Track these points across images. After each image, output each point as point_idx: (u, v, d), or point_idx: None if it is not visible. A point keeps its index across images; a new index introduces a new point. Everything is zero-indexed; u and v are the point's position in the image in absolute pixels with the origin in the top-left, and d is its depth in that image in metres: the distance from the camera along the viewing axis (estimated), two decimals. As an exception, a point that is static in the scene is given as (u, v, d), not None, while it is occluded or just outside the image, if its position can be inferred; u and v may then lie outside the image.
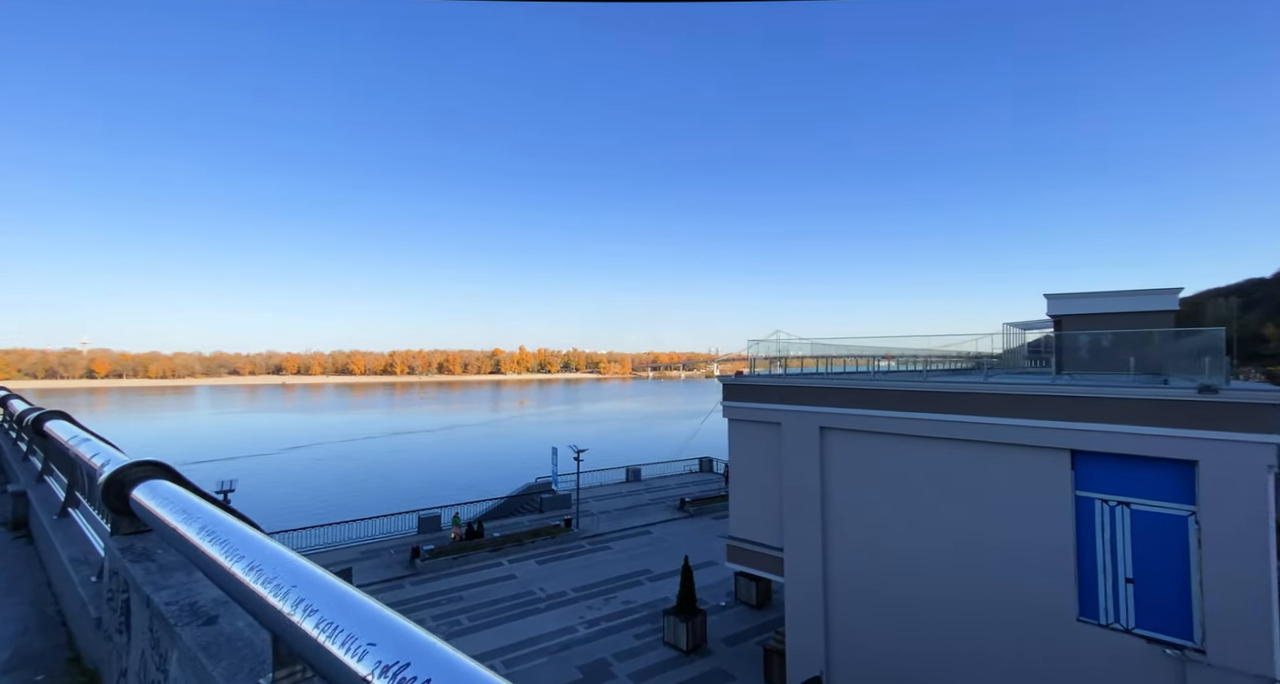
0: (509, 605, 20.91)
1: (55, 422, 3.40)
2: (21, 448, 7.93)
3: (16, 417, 4.60)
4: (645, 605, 20.66)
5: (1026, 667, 10.40)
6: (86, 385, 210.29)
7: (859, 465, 12.94)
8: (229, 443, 76.00)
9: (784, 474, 14.17)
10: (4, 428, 10.00)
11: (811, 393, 13.75)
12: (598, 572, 24.18)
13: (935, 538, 11.75)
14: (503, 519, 32.32)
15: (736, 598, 20.85)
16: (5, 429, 9.82)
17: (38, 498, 5.13)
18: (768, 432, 14.70)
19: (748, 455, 15.33)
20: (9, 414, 7.03)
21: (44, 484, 5.57)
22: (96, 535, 3.68)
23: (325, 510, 40.76)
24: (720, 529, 29.96)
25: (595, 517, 31.14)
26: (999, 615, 10.86)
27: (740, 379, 15.44)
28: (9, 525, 5.33)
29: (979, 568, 11.18)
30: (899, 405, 12.24)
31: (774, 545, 14.59)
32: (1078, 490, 10.19)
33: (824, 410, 13.42)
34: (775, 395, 14.45)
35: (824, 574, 13.37)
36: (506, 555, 26.03)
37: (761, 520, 14.94)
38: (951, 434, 11.55)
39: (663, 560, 25.34)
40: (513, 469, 55.87)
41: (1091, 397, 9.95)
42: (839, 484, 13.28)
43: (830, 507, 13.37)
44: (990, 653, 10.88)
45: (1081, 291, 24.66)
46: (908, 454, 12.19)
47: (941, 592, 11.66)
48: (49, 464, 5.75)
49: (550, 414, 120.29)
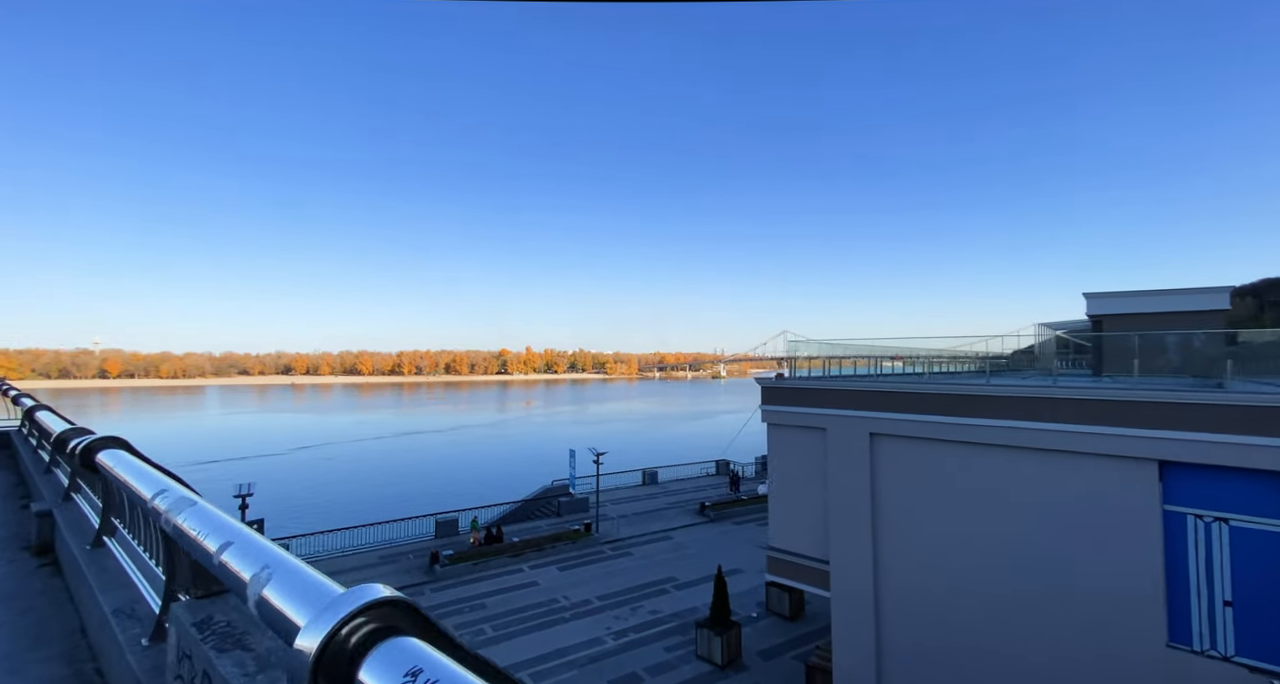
0: (533, 614, 20.32)
1: (111, 452, 2.78)
2: (43, 457, 7.40)
3: (56, 439, 3.96)
4: (674, 616, 19.99)
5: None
6: (99, 385, 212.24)
7: (914, 474, 12.22)
8: (240, 443, 76.05)
9: (830, 483, 13.47)
10: (24, 435, 9.51)
11: (860, 397, 13.04)
12: (621, 579, 23.54)
13: (1001, 554, 11.01)
14: (521, 523, 31.78)
15: (768, 609, 20.15)
16: (25, 436, 9.33)
17: (66, 520, 4.56)
18: (811, 437, 14.00)
19: (789, 462, 14.64)
20: (35, 425, 6.45)
21: (72, 503, 4.99)
22: (143, 579, 3.08)
23: (339, 514, 40.39)
24: (743, 535, 29.26)
25: (615, 521, 30.51)
26: (1075, 638, 10.12)
27: (781, 382, 14.75)
28: (32, 551, 4.76)
29: (1052, 587, 10.44)
30: (958, 410, 11.51)
31: (818, 557, 13.89)
32: (1167, 505, 9.44)
33: (874, 415, 12.71)
34: (820, 399, 13.75)
35: (875, 590, 12.65)
36: (527, 561, 25.45)
37: (804, 531, 14.24)
38: (1018, 442, 10.81)
39: (688, 568, 24.67)
40: (525, 471, 55.35)
41: (1182, 402, 9.20)
42: (891, 494, 12.56)
43: (882, 518, 12.66)
44: (1065, 679, 10.13)
45: (1123, 291, 23.76)
46: (969, 463, 11.46)
47: (1008, 612, 10.93)
48: (76, 479, 5.19)
49: (558, 415, 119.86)
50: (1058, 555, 10.42)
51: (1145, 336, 21.48)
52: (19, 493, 7.07)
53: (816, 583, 13.91)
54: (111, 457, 2.77)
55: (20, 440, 9.36)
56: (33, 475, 6.74)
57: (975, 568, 11.35)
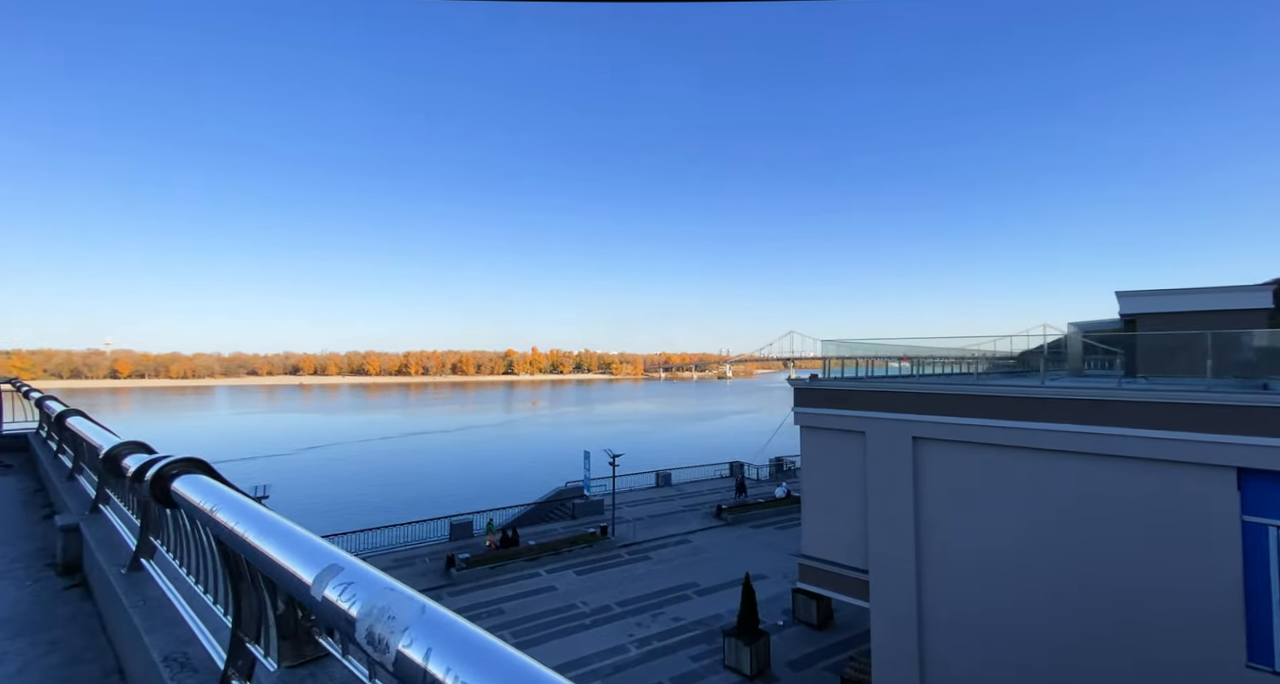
0: (552, 620, 19.87)
1: (190, 479, 2.30)
2: (65, 463, 7.00)
3: (107, 455, 3.48)
4: (697, 623, 19.48)
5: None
6: (110, 385, 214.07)
7: (962, 481, 11.67)
8: (249, 443, 76.18)
9: (869, 489, 12.93)
10: (43, 438, 9.14)
11: (902, 398, 12.50)
12: (640, 584, 23.06)
13: (1060, 566, 10.44)
14: (535, 526, 31.36)
15: (794, 617, 19.60)
16: (44, 439, 8.95)
17: (95, 536, 4.13)
18: (848, 441, 13.47)
19: (824, 467, 14.11)
20: (65, 434, 6.02)
21: (101, 517, 4.57)
22: (194, 616, 2.63)
23: (351, 515, 40.16)
24: (762, 539, 28.71)
25: (630, 524, 30.02)
26: (1144, 657, 9.54)
27: (816, 383, 14.23)
28: (58, 570, 4.34)
29: (1116, 602, 9.86)
30: (1012, 414, 10.96)
31: (856, 566, 13.36)
32: (1246, 515, 8.86)
33: (918, 418, 12.17)
34: (858, 401, 13.22)
35: (918, 602, 12.11)
36: (543, 565, 25.01)
37: (840, 538, 13.71)
38: (1078, 447, 10.25)
39: (708, 573, 24.15)
40: (536, 472, 54.99)
41: (1264, 405, 8.62)
42: (936, 501, 12.02)
43: (926, 527, 12.11)
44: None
45: (1158, 289, 23.07)
46: (1024, 469, 10.90)
47: (1067, 628, 10.36)
48: (104, 489, 4.77)
49: (566, 415, 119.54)
50: (1125, 569, 9.85)
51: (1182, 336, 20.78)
52: (39, 501, 6.68)
53: (853, 592, 13.37)
54: (192, 485, 2.29)
55: (39, 443, 8.99)
56: (54, 482, 6.34)
57: (1032, 581, 10.79)
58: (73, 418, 5.56)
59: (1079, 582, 10.28)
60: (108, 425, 7.01)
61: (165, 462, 2.68)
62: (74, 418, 3.71)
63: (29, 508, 6.28)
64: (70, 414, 5.20)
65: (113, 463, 3.23)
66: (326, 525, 30.39)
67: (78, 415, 5.79)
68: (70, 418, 3.87)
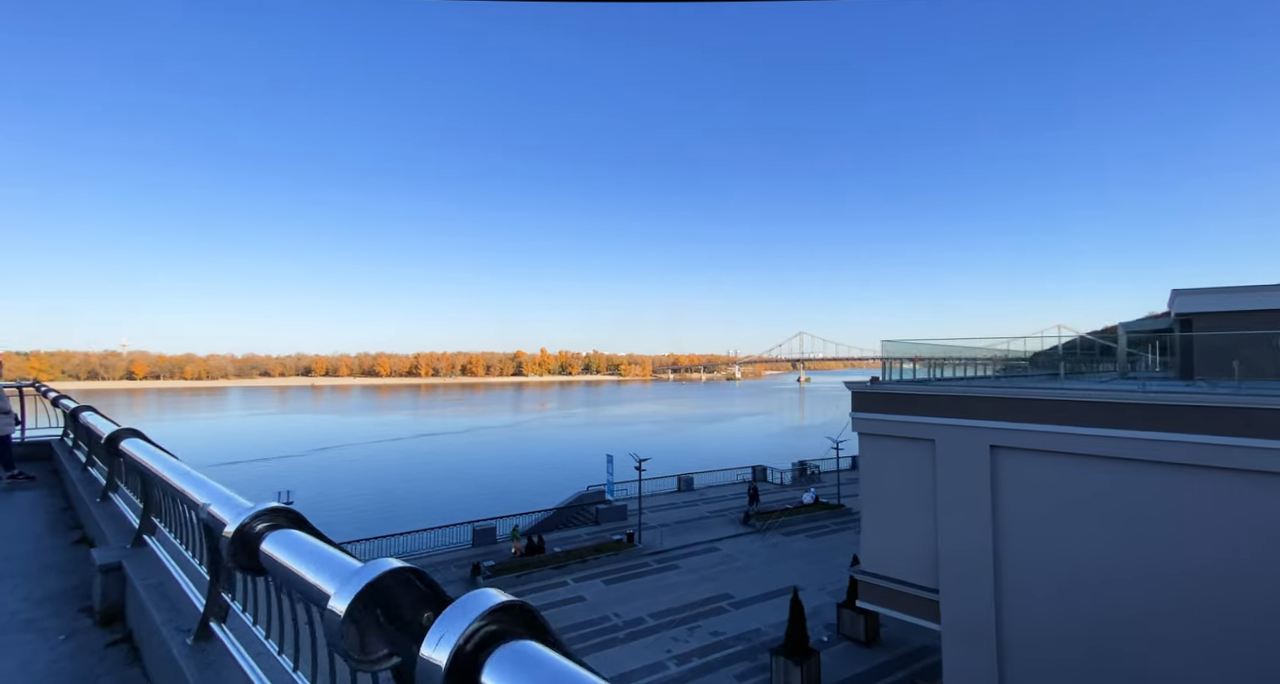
0: (585, 634, 19.07)
1: (283, 536, 1.57)
2: (96, 478, 6.29)
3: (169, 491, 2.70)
4: (737, 638, 18.59)
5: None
6: (126, 387, 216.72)
7: (1048, 494, 10.73)
8: (264, 444, 76.23)
9: (939, 502, 12.01)
10: (69, 446, 8.47)
11: (977, 403, 11.58)
12: (672, 595, 22.20)
13: (1167, 590, 9.48)
14: (559, 531, 30.61)
15: (839, 632, 18.64)
16: (70, 448, 8.28)
17: (144, 580, 3.37)
18: (915, 449, 12.56)
19: (886, 477, 13.20)
20: (97, 444, 5.28)
21: (147, 552, 3.81)
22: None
23: (368, 519, 39.66)
24: (794, 547, 27.74)
25: (657, 530, 29.18)
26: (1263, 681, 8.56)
27: (878, 387, 13.33)
28: (96, 619, 3.59)
29: (1233, 628, 8.89)
30: (1107, 421, 10.01)
31: (924, 585, 12.43)
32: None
33: (996, 425, 11.25)
34: (927, 406, 12.31)
35: (998, 624, 11.17)
36: (570, 573, 24.23)
37: (905, 555, 12.79)
38: (1186, 459, 9.29)
39: (741, 583, 23.25)
40: (552, 475, 54.29)
41: None
42: (1018, 515, 11.08)
43: (1006, 543, 11.18)
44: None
45: (1217, 287, 21.92)
46: (1120, 482, 9.95)
47: (1177, 659, 9.39)
48: (150, 518, 4.02)
49: (578, 417, 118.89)
50: (1242, 592, 8.87)
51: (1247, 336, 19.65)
52: (66, 521, 5.96)
53: (921, 613, 12.45)
54: (285, 546, 1.54)
55: (64, 452, 8.32)
56: (84, 499, 5.63)
57: (1133, 604, 9.83)
58: (130, 442, 4.75)
59: (1191, 606, 9.32)
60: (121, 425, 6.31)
61: (249, 515, 1.92)
62: (131, 442, 3.00)
63: (56, 531, 5.57)
64: (126, 436, 4.43)
65: (167, 492, 2.50)
66: (351, 532, 29.84)
67: (136, 437, 5.00)
68: (127, 442, 3.12)
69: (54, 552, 4.96)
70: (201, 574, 3.00)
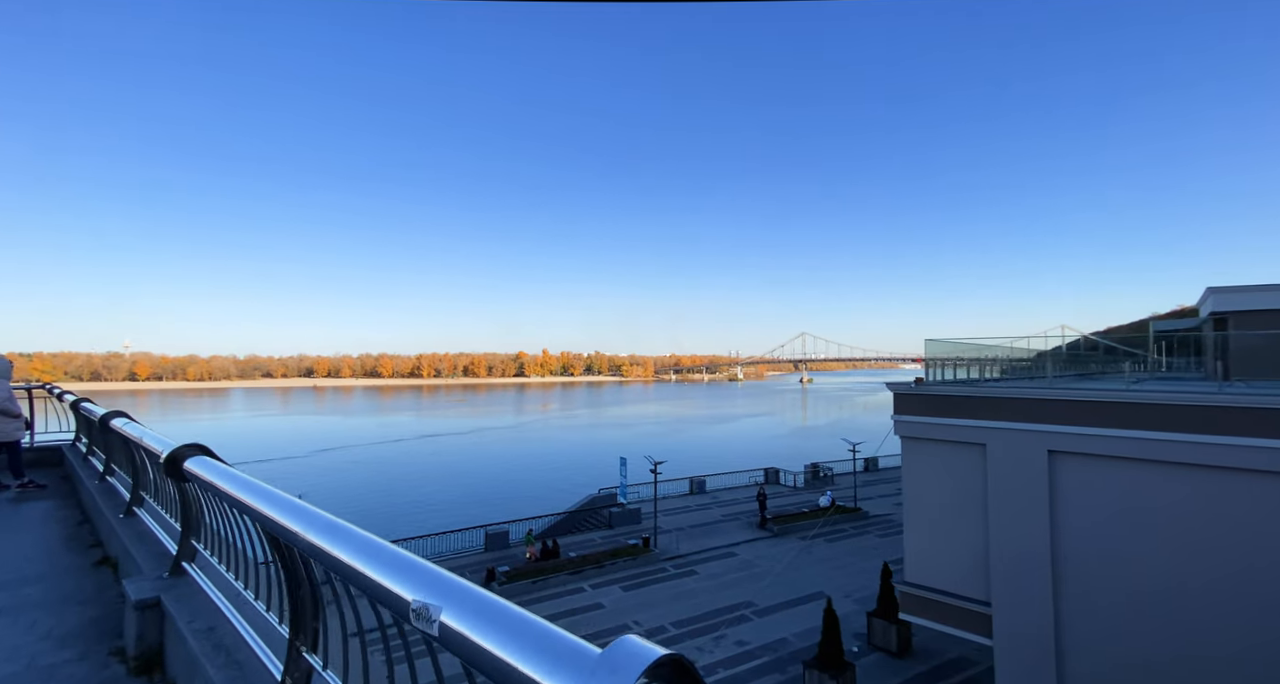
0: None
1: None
2: (118, 489, 5.73)
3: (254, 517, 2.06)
4: (764, 648, 17.99)
5: None
6: (129, 388, 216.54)
7: (1114, 502, 10.14)
8: (266, 445, 75.75)
9: (991, 510, 11.42)
10: (82, 453, 7.92)
11: (1034, 406, 10.99)
12: (692, 602, 21.60)
13: (1250, 604, 8.87)
14: (571, 536, 30.04)
15: (870, 643, 18.02)
16: (84, 455, 7.73)
17: (189, 619, 2.81)
18: (964, 454, 11.97)
19: (931, 484, 12.61)
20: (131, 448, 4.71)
21: (188, 583, 3.25)
22: None
23: (375, 523, 39.13)
24: (815, 552, 27.11)
25: (672, 534, 28.58)
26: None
27: (923, 388, 12.74)
28: (129, 665, 3.02)
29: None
30: (1185, 426, 9.42)
31: (972, 597, 11.84)
32: None
33: (1054, 429, 10.66)
34: (977, 409, 11.72)
35: (1056, 641, 10.57)
36: (587, 579, 23.64)
37: (953, 565, 12.20)
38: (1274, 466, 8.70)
39: (763, 590, 22.63)
40: (560, 477, 53.73)
41: None
42: (1079, 526, 10.49)
43: (1066, 555, 10.58)
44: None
45: (1258, 285, 21.29)
46: (1204, 489, 9.35)
47: (1260, 677, 8.78)
48: (190, 540, 3.45)
49: (580, 418, 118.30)
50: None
51: None
52: (84, 536, 5.40)
53: (970, 627, 11.85)
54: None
55: (77, 458, 7.78)
56: (103, 512, 5.07)
57: (1208, 618, 9.22)
58: (198, 463, 4.18)
59: (1273, 620, 8.71)
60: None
61: None
62: (200, 463, 2.47)
63: (73, 549, 5.01)
64: (195, 455, 3.87)
65: (256, 521, 2.00)
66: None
67: (208, 457, 4.43)
68: (193, 462, 2.57)
69: (73, 576, 4.40)
70: (269, 623, 2.43)
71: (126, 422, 4.02)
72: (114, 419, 4.17)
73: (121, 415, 4.23)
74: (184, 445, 2.53)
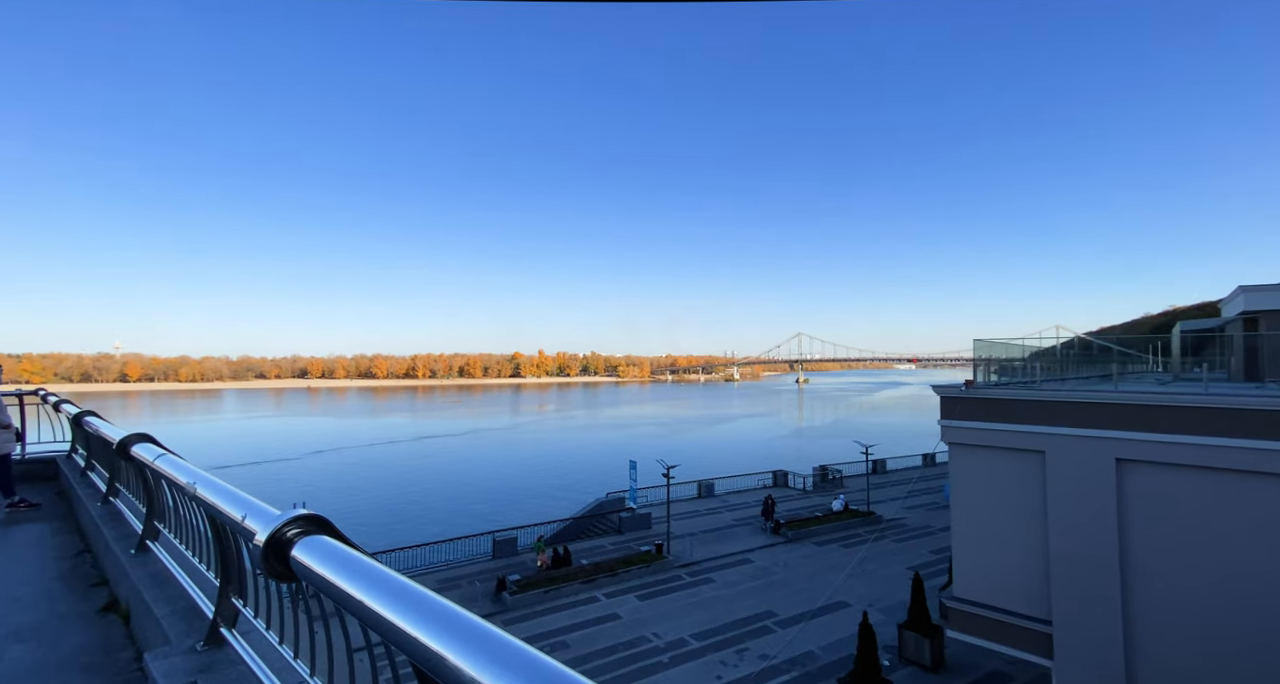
0: (625, 657, 17.73)
1: None
2: (122, 511, 4.93)
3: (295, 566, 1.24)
4: (791, 663, 17.28)
5: None
6: (120, 389, 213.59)
7: (1192, 515, 9.50)
8: (259, 447, 74.46)
9: (1051, 522, 10.77)
10: (79, 466, 7.08)
11: (1100, 410, 10.34)
12: (711, 612, 20.87)
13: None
14: (581, 541, 29.24)
15: (901, 657, 17.35)
16: (83, 469, 6.89)
17: None
18: (1019, 462, 11.32)
19: (983, 493, 11.94)
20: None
21: (230, 659, 2.48)
22: None
23: (377, 526, 38.19)
24: (831, 558, 26.45)
25: (684, 540, 27.84)
26: None
27: (973, 391, 12.06)
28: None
29: None
30: (1266, 432, 8.79)
31: (1030, 615, 11.18)
32: None
33: (1124, 436, 10.01)
34: (1034, 413, 11.07)
35: (1126, 665, 9.91)
36: (600, 588, 22.86)
37: (1007, 581, 11.53)
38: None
39: (783, 599, 21.94)
40: (564, 480, 52.93)
41: None
42: (1152, 540, 9.84)
43: (1136, 571, 9.94)
44: None
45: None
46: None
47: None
48: (229, 596, 2.69)
49: (578, 419, 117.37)
50: None
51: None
52: (85, 570, 4.60)
53: (1027, 646, 11.18)
54: None
55: (73, 472, 6.94)
56: (110, 546, 4.28)
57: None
58: (139, 449, 3.33)
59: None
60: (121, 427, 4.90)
61: None
62: (141, 445, 1.75)
63: (72, 588, 4.22)
64: (136, 442, 3.11)
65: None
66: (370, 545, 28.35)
67: (146, 441, 3.58)
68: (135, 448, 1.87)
69: (73, 626, 3.62)
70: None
71: (156, 452, 3.22)
72: (135, 445, 3.37)
73: (145, 440, 3.44)
74: (306, 519, 1.70)
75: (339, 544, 1.40)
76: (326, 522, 1.50)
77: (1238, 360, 23.82)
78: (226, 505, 2.01)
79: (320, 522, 1.50)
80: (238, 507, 1.89)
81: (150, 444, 3.43)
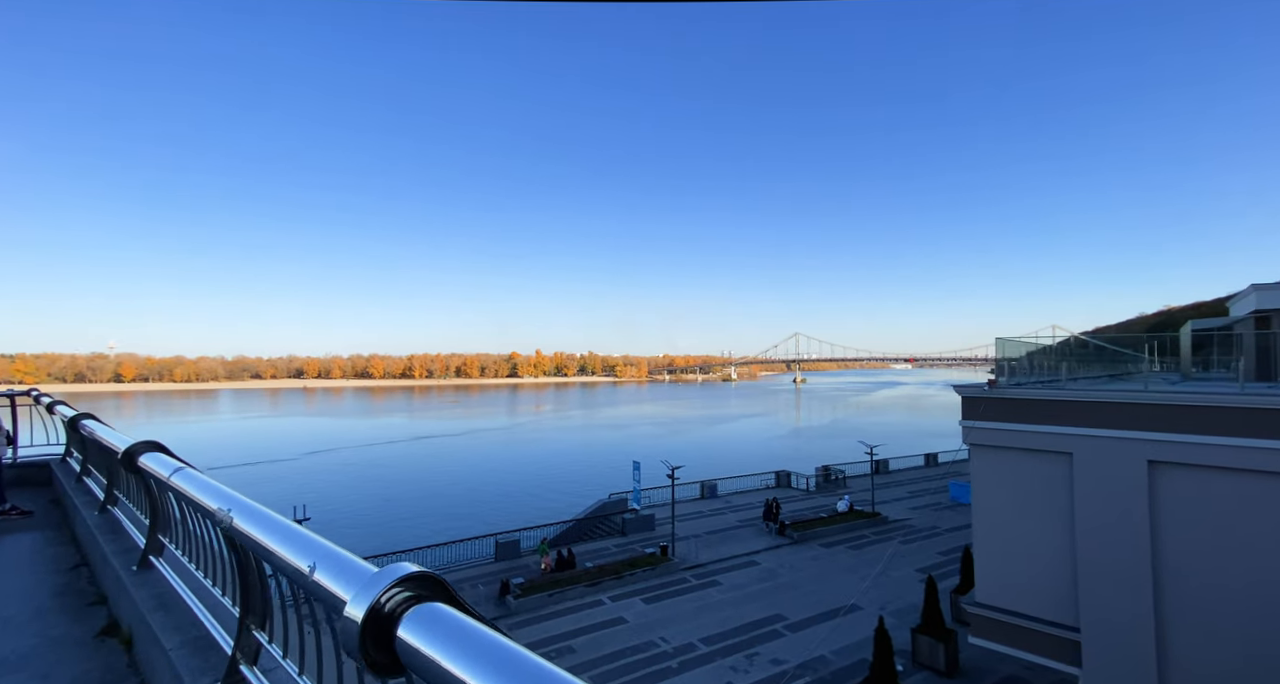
0: (634, 663, 17.39)
1: None
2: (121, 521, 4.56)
3: None
4: (802, 668, 16.97)
5: None
6: (114, 389, 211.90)
7: (1230, 520, 9.21)
8: (254, 448, 73.78)
9: (1079, 526, 10.48)
10: (74, 470, 6.68)
11: (1132, 410, 10.05)
12: (719, 616, 20.56)
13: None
14: (584, 543, 28.89)
15: (915, 661, 17.07)
16: (79, 474, 6.50)
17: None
18: (1045, 464, 11.03)
19: (1007, 496, 11.65)
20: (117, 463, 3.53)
21: None
22: None
23: (375, 527, 37.75)
24: (839, 560, 26.19)
25: (688, 541, 27.54)
26: None
27: (996, 391, 11.76)
28: None
29: None
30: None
31: (1057, 622, 10.89)
32: None
33: (1157, 437, 9.73)
34: (1061, 414, 10.78)
35: (1160, 672, 9.62)
36: (605, 591, 22.52)
37: (1033, 586, 11.24)
38: None
39: (791, 602, 21.65)
40: (561, 481, 52.54)
41: None
42: (1186, 547, 9.56)
43: (1169, 577, 9.66)
44: None
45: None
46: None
47: None
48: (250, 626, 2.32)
49: (575, 419, 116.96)
50: None
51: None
52: (82, 587, 4.22)
53: (1052, 653, 10.90)
54: None
55: (69, 479, 6.54)
56: (109, 561, 3.91)
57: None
58: (146, 459, 2.95)
59: None
60: (120, 431, 4.54)
61: None
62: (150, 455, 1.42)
63: (67, 608, 3.85)
64: (144, 451, 2.74)
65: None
66: (360, 541, 27.92)
67: (156, 450, 3.20)
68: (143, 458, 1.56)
69: (70, 653, 3.25)
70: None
71: (171, 465, 2.85)
72: (144, 455, 3.00)
73: (155, 448, 3.07)
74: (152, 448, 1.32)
75: (468, 620, 0.90)
76: (441, 581, 1.01)
77: (1249, 359, 23.62)
78: (283, 548, 1.51)
79: (432, 582, 1.02)
80: (301, 551, 1.40)
81: (161, 454, 3.05)
